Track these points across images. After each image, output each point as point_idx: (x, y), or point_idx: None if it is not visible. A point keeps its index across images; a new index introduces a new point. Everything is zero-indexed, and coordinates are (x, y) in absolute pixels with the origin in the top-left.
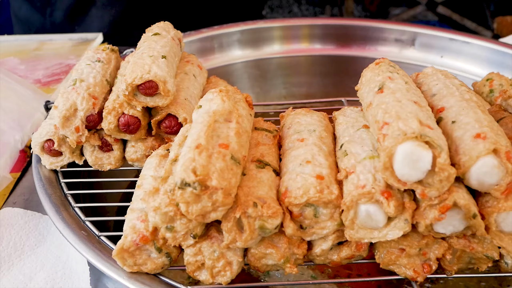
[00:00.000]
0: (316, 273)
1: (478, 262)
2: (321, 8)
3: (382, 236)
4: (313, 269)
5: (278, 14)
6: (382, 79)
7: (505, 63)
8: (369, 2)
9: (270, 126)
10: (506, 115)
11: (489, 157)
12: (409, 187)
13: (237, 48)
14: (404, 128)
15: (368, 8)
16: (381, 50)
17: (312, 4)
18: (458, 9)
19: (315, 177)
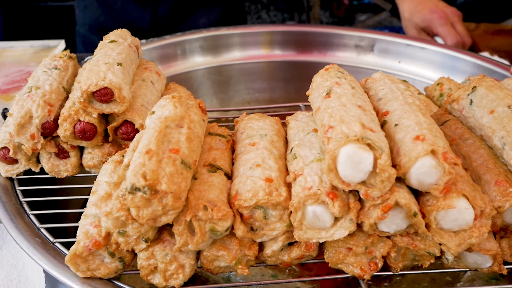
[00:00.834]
0: (275, 272)
1: (421, 259)
2: (289, 14)
3: (329, 236)
4: (272, 269)
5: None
6: (330, 85)
7: (457, 67)
8: (337, 8)
9: (224, 131)
10: (451, 118)
11: (427, 157)
12: (353, 188)
13: (199, 55)
14: (347, 131)
15: (335, 14)
16: (341, 56)
17: (281, 11)
18: None
19: (264, 180)
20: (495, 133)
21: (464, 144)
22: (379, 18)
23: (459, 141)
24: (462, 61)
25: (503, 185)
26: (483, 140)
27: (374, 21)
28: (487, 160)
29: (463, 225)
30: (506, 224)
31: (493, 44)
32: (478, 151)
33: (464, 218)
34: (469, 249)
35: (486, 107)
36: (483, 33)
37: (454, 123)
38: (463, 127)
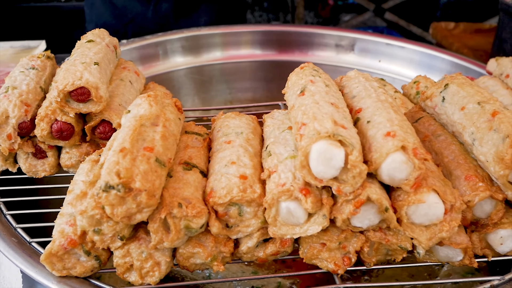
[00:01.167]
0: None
1: (394, 254)
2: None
3: (303, 232)
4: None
5: None
6: (305, 83)
7: (436, 66)
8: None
9: (201, 129)
10: (424, 115)
11: (397, 153)
12: (325, 184)
13: (180, 55)
14: (319, 128)
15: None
16: (322, 55)
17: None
18: (404, 15)
19: (239, 177)
20: (466, 129)
21: (436, 140)
22: (363, 18)
23: (431, 137)
24: (441, 59)
25: (472, 180)
26: (455, 136)
27: (358, 21)
28: (458, 156)
29: (433, 219)
30: (477, 218)
31: (472, 43)
32: (450, 147)
33: (434, 213)
34: (440, 243)
35: (457, 104)
36: (462, 32)
37: (427, 120)
38: (436, 123)
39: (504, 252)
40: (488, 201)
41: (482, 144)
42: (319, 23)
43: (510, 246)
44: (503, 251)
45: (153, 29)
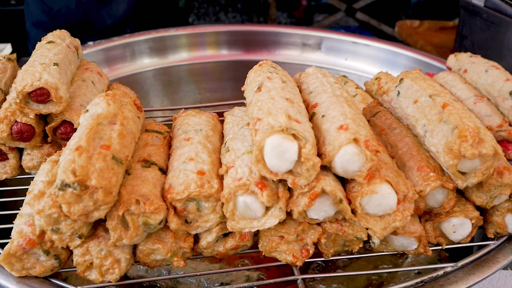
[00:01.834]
0: (223, 265)
1: (351, 244)
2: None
3: (261, 225)
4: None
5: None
6: (262, 79)
7: (399, 63)
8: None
9: (161, 128)
10: (382, 109)
11: (350, 146)
12: (280, 177)
13: (146, 56)
14: (273, 123)
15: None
16: (289, 54)
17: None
18: (376, 15)
19: (197, 173)
20: (418, 122)
21: (392, 133)
22: (335, 18)
23: (387, 130)
24: (405, 56)
25: (424, 171)
26: (409, 129)
27: (330, 21)
28: (411, 148)
29: (387, 209)
30: (430, 207)
31: (436, 40)
32: (404, 139)
33: (387, 203)
34: (395, 233)
35: (411, 98)
36: (426, 30)
37: (384, 114)
38: (392, 117)
39: (457, 240)
40: (439, 191)
41: (433, 135)
42: (292, 23)
43: (462, 234)
44: (456, 239)
45: (78, 19)
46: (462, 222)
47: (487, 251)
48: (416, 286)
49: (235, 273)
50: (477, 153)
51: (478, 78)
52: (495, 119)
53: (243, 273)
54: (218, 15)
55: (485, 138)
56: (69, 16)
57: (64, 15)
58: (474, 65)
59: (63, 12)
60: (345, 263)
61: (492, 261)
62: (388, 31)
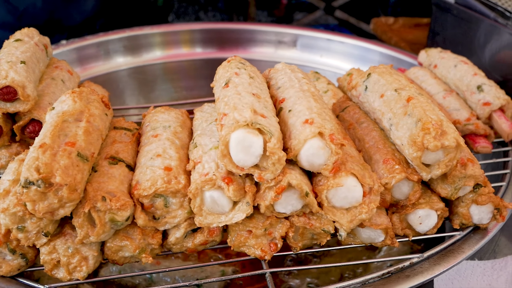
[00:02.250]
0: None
1: (319, 237)
2: (228, 15)
3: (228, 220)
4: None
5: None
6: (229, 75)
7: (373, 59)
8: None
9: (130, 125)
10: (350, 104)
11: (314, 139)
12: (247, 171)
13: (120, 55)
14: (238, 118)
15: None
16: (264, 52)
17: (219, 11)
18: (355, 13)
19: (164, 169)
20: (384, 115)
21: (359, 127)
22: (314, 17)
23: (355, 125)
24: (378, 53)
25: (390, 163)
26: (376, 123)
27: (310, 19)
28: (378, 141)
29: (353, 202)
30: (396, 199)
31: (410, 37)
32: (371, 133)
33: (353, 196)
34: (361, 225)
35: (378, 92)
36: (401, 27)
37: (352, 109)
38: (360, 112)
39: (423, 231)
40: (405, 183)
41: (398, 128)
42: (273, 21)
43: (428, 225)
44: (423, 230)
45: (45, 18)
46: (427, 214)
47: (452, 241)
48: (383, 277)
49: (210, 269)
50: (440, 145)
51: (447, 73)
52: (463, 113)
53: (217, 269)
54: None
55: (448, 130)
56: (36, 15)
57: (31, 15)
58: (443, 60)
59: (29, 11)
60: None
61: (458, 251)
62: (367, 29)
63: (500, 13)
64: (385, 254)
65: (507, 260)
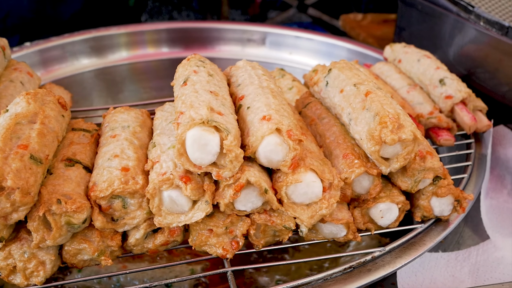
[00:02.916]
0: None
1: (281, 234)
2: (202, 14)
3: (188, 219)
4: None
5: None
6: (188, 73)
7: (341, 55)
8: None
9: (89, 126)
10: (312, 100)
11: (272, 136)
12: (204, 170)
13: (85, 57)
14: (194, 116)
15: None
16: (233, 50)
17: (193, 10)
18: (328, 10)
19: (121, 169)
20: (344, 110)
21: (321, 123)
22: (287, 15)
23: (317, 120)
24: (346, 49)
25: (349, 158)
26: (337, 118)
27: (283, 17)
28: (338, 136)
29: (313, 197)
30: (357, 194)
31: (378, 33)
32: (332, 128)
33: (313, 191)
34: (323, 220)
35: (338, 87)
36: (369, 23)
37: (314, 105)
38: (322, 107)
39: (385, 225)
40: (365, 177)
41: (357, 123)
42: (246, 20)
43: (390, 219)
44: (385, 224)
45: (32, 17)
46: (389, 207)
47: (414, 234)
48: (345, 272)
49: (179, 269)
50: (397, 138)
51: (411, 67)
52: (426, 106)
53: (186, 268)
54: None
55: (405, 123)
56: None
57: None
58: (407, 55)
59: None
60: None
61: (419, 244)
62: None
63: (463, 7)
64: (353, 248)
65: (470, 251)
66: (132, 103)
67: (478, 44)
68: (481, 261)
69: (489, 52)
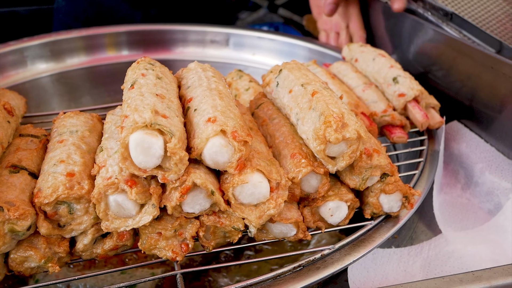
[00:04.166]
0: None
1: (230, 235)
2: None
3: (135, 223)
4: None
5: None
6: (136, 76)
7: (303, 55)
8: None
9: (38, 131)
10: (265, 101)
11: (217, 137)
12: (150, 173)
13: (42, 61)
14: (138, 119)
15: None
16: (197, 52)
17: None
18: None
19: (66, 175)
20: (292, 110)
21: (271, 123)
22: (258, 15)
23: (268, 121)
24: (307, 49)
25: (296, 157)
26: (287, 118)
27: (255, 18)
28: (287, 136)
29: (260, 198)
30: (306, 193)
31: None
32: (281, 129)
33: (260, 192)
34: (271, 220)
35: (287, 87)
36: None
37: (266, 105)
38: (273, 108)
39: (335, 223)
40: (312, 176)
41: (304, 123)
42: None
43: (340, 217)
44: (335, 222)
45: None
46: (338, 205)
47: (364, 231)
48: (294, 271)
49: (140, 274)
50: (341, 137)
51: (366, 66)
52: (380, 105)
53: (147, 272)
54: None
55: (349, 122)
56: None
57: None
58: (363, 54)
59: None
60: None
61: (368, 240)
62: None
63: (421, 6)
64: (313, 246)
65: (423, 246)
66: (93, 107)
67: (434, 43)
68: (433, 255)
69: (444, 51)
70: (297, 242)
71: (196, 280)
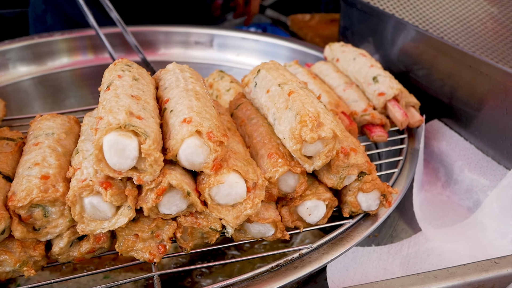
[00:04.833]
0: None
1: (208, 236)
2: None
3: (111, 225)
4: None
5: None
6: (112, 78)
7: (286, 55)
8: None
9: (14, 134)
10: (244, 101)
11: (192, 138)
12: (125, 175)
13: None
14: (112, 120)
15: None
16: (181, 53)
17: None
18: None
19: (40, 177)
20: (269, 110)
21: (249, 124)
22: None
23: (246, 121)
24: (290, 49)
25: (273, 157)
26: (265, 118)
27: (242, 19)
28: (264, 136)
29: (237, 198)
30: (284, 193)
31: (326, 32)
32: (259, 129)
33: (236, 192)
34: (249, 220)
35: (265, 88)
36: (317, 23)
37: (245, 106)
38: (252, 108)
39: (313, 222)
40: (289, 175)
41: (280, 123)
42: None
43: (318, 216)
44: (313, 221)
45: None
46: (315, 205)
47: (342, 230)
48: (272, 270)
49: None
50: (316, 136)
51: (347, 66)
52: (361, 104)
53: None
54: None
55: (325, 121)
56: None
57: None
58: (344, 53)
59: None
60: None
61: (347, 239)
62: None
63: None
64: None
65: (403, 244)
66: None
67: (415, 42)
68: (412, 253)
69: (425, 50)
70: (281, 242)
71: (180, 280)
